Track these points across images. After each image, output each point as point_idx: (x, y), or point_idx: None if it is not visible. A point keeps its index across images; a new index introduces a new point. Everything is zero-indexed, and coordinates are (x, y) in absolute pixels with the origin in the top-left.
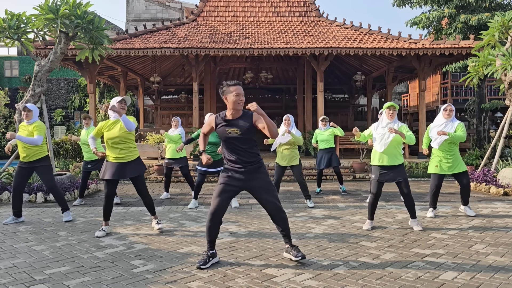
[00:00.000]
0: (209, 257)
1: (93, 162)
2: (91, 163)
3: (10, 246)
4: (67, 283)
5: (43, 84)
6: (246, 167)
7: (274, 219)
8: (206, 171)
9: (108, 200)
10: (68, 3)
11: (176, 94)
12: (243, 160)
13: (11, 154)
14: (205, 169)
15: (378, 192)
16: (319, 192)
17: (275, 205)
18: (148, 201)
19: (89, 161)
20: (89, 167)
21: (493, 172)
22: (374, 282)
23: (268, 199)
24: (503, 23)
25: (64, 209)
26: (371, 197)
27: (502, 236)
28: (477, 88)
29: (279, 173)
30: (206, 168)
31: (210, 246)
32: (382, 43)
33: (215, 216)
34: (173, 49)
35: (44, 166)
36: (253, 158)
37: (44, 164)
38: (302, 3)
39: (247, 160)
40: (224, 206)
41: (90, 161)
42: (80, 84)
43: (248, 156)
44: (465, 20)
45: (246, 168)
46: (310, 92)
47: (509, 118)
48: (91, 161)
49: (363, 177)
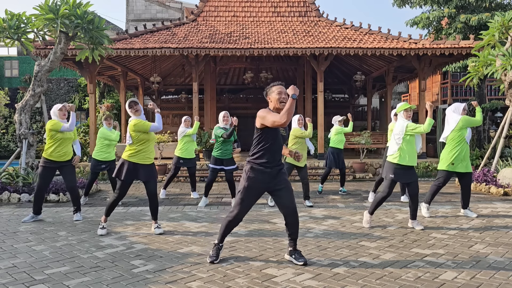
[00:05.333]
0: (218, 249)
1: (107, 162)
2: (105, 164)
3: (10, 246)
4: (67, 283)
5: (43, 84)
6: (274, 167)
7: (288, 220)
8: (219, 169)
9: (119, 198)
10: (68, 3)
11: (176, 94)
12: (275, 160)
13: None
14: (219, 167)
15: (391, 191)
16: (320, 192)
17: (293, 204)
18: (155, 205)
19: (104, 161)
20: (102, 167)
21: (493, 172)
22: (374, 282)
23: (289, 200)
24: (503, 23)
25: (77, 210)
26: (381, 195)
27: (502, 236)
28: (477, 88)
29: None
30: (220, 166)
31: (222, 239)
32: (382, 43)
33: (240, 217)
34: (173, 49)
35: (71, 165)
36: (280, 160)
37: (71, 164)
38: (302, 3)
39: (278, 160)
40: (249, 208)
41: (104, 162)
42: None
43: (279, 156)
44: (465, 20)
45: (273, 168)
46: (310, 92)
47: (509, 118)
48: (106, 161)
49: (363, 177)
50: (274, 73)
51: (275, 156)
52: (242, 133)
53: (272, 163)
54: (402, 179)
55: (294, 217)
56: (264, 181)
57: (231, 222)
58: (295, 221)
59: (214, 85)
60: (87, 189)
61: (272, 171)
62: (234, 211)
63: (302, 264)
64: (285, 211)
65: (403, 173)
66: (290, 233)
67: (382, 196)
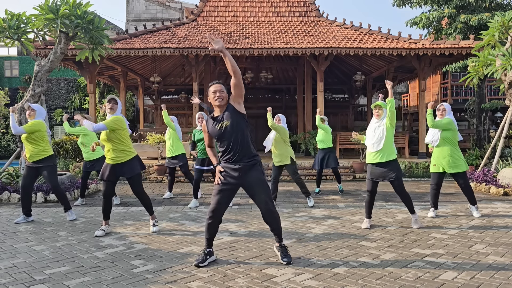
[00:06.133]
0: (206, 255)
1: (91, 162)
2: (89, 163)
3: (10, 246)
4: (67, 283)
5: (43, 84)
6: (241, 164)
7: (265, 217)
8: (202, 169)
9: (106, 199)
10: (68, 3)
11: (176, 94)
12: (238, 157)
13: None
14: (202, 167)
15: (372, 190)
16: (318, 192)
17: (267, 204)
18: (145, 200)
19: (87, 161)
20: (87, 167)
21: (493, 172)
22: (374, 282)
23: (260, 198)
24: (503, 23)
25: (67, 209)
26: (366, 195)
27: (502, 236)
28: (477, 88)
29: (275, 173)
30: (202, 166)
31: (208, 244)
32: (382, 43)
33: (215, 214)
34: (173, 49)
35: (48, 166)
36: (248, 155)
37: (48, 164)
38: (302, 3)
39: (242, 156)
40: (224, 205)
41: (88, 161)
42: (80, 84)
43: (243, 152)
44: (465, 20)
45: (241, 165)
46: (310, 92)
47: (509, 118)
48: (90, 161)
49: (363, 177)
50: (274, 73)
51: (237, 150)
52: None
53: (236, 159)
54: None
55: (270, 215)
56: (233, 177)
57: (209, 219)
58: (273, 218)
59: None
60: (81, 190)
61: (241, 167)
62: (209, 208)
63: (286, 263)
64: (261, 210)
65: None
66: (272, 229)
67: (367, 195)
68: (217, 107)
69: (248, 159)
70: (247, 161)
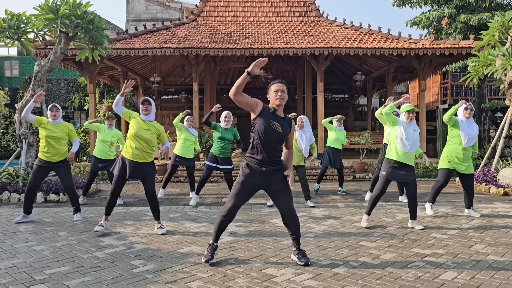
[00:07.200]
0: (213, 249)
1: (105, 161)
2: (103, 162)
3: (10, 246)
4: (67, 283)
5: (43, 84)
6: (269, 167)
7: (285, 220)
8: (214, 167)
9: (113, 196)
10: (68, 3)
11: (176, 94)
12: (269, 159)
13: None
14: (214, 165)
15: (383, 188)
16: (317, 190)
17: (290, 207)
18: (156, 203)
19: (102, 159)
20: (99, 166)
21: (493, 172)
22: (374, 282)
23: (285, 202)
24: (503, 23)
25: (76, 210)
26: (375, 193)
27: (502, 236)
28: (477, 88)
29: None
30: (215, 164)
31: (216, 238)
32: (382, 43)
33: (231, 212)
34: (173, 49)
35: (66, 165)
36: (278, 160)
37: (66, 164)
38: (302, 3)
39: (273, 160)
40: (241, 204)
41: (103, 160)
42: (80, 84)
43: (275, 156)
44: (465, 20)
45: (269, 167)
46: (310, 92)
47: (509, 118)
48: (104, 160)
49: (363, 177)
50: (274, 73)
51: (270, 154)
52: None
53: (266, 161)
54: (395, 177)
55: (292, 219)
56: (258, 179)
57: (225, 218)
58: (294, 222)
59: (214, 85)
60: (85, 188)
61: (268, 169)
62: (227, 205)
63: (303, 264)
64: (282, 213)
65: (396, 172)
66: (291, 233)
67: (376, 193)
68: (276, 106)
69: (274, 163)
70: (273, 164)
